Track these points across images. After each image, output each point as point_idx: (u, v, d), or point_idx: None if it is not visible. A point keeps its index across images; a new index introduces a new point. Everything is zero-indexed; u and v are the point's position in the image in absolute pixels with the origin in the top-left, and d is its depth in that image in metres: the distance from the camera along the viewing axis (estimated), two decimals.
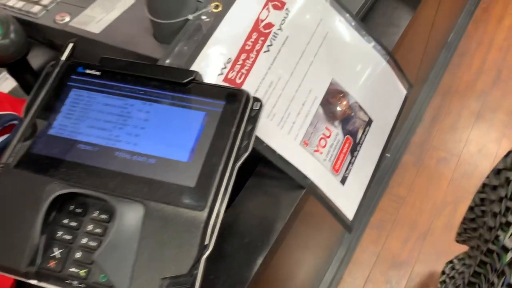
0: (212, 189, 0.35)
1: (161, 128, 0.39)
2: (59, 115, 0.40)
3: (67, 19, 0.62)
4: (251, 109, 0.40)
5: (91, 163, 0.38)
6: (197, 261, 0.34)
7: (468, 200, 1.52)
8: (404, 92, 0.66)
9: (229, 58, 0.50)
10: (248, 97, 0.39)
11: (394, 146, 1.57)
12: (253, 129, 0.39)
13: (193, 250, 0.34)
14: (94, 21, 0.60)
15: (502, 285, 0.61)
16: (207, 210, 0.35)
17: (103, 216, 0.37)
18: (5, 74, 0.69)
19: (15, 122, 0.48)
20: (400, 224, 1.49)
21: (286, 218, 0.50)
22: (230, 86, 0.39)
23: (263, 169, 0.55)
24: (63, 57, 0.44)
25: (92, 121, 0.40)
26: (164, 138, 0.38)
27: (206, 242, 0.35)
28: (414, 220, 1.49)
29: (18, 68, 0.61)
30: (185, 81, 0.40)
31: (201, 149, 0.37)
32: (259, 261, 0.47)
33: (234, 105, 0.39)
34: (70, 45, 0.44)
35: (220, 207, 0.36)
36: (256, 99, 0.40)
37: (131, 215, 0.35)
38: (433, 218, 1.49)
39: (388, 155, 1.54)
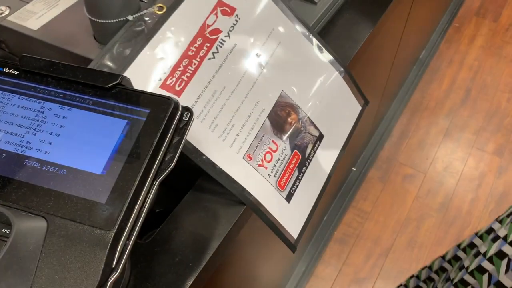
0: (124, 207, 0.32)
1: (77, 136, 0.35)
2: None
3: (6, 12, 0.58)
4: (180, 119, 0.37)
5: None
6: (102, 285, 0.31)
7: (432, 218, 1.53)
8: (359, 108, 0.64)
9: (170, 63, 0.47)
10: (176, 106, 0.36)
11: (360, 160, 1.56)
12: (180, 141, 0.36)
13: (97, 273, 0.30)
14: (34, 17, 0.56)
15: None
16: (115, 229, 0.31)
17: (5, 231, 0.33)
18: None
19: None
20: (363, 239, 1.48)
21: (222, 236, 0.47)
22: (157, 93, 0.36)
23: (204, 183, 0.52)
24: None
25: (3, 124, 0.36)
26: (79, 147, 0.35)
27: (114, 264, 0.31)
28: (377, 236, 1.48)
29: None
30: (108, 85, 0.36)
31: (117, 162, 0.34)
32: (189, 281, 0.44)
33: (160, 114, 0.36)
34: None
35: (133, 227, 0.33)
36: (186, 109, 0.37)
37: (31, 232, 0.31)
38: (396, 234, 1.49)
39: (354, 169, 1.53)
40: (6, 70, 0.39)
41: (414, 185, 1.60)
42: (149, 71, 0.46)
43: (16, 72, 0.38)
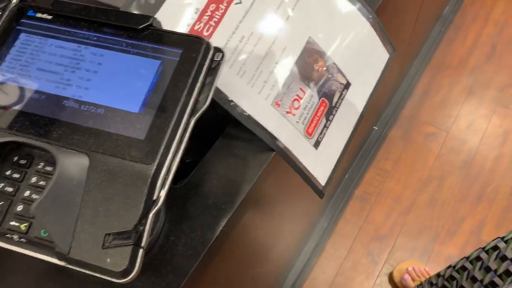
0: (163, 142, 0.33)
1: (113, 76, 0.36)
2: (6, 59, 0.37)
3: None
4: (212, 59, 0.37)
5: (37, 112, 0.35)
6: (144, 217, 0.32)
7: (454, 176, 1.52)
8: (387, 55, 0.63)
9: (197, 9, 0.47)
10: (208, 46, 0.36)
11: (382, 119, 1.55)
12: (213, 81, 0.36)
13: (139, 205, 0.32)
14: None
15: None
16: (155, 164, 0.32)
17: (48, 168, 0.34)
18: None
19: None
20: (384, 198, 1.48)
21: (253, 181, 0.48)
22: (189, 34, 0.37)
23: (233, 130, 0.53)
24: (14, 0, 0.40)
25: (43, 63, 0.37)
26: (116, 87, 0.35)
27: (155, 197, 0.32)
28: (398, 194, 1.49)
29: None
30: (141, 27, 0.37)
31: (153, 100, 0.35)
32: (223, 223, 0.46)
33: (193, 55, 0.36)
34: None
35: (172, 162, 0.34)
36: (218, 49, 0.37)
37: (74, 167, 0.33)
38: (417, 193, 1.49)
39: (375, 128, 1.52)
40: (38, 15, 0.39)
41: (436, 144, 1.59)
42: (177, 17, 0.46)
43: (49, 17, 0.39)
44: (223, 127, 0.54)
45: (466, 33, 1.86)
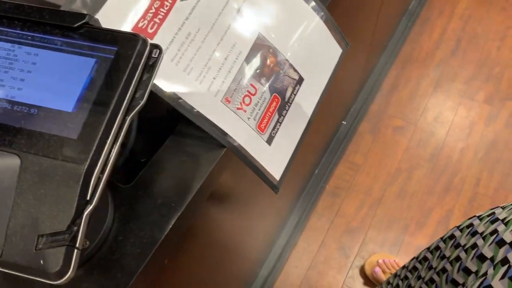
0: (96, 141, 0.33)
1: (47, 76, 0.35)
2: None
3: None
4: (149, 56, 0.36)
5: None
6: (78, 217, 0.31)
7: (422, 168, 1.55)
8: (340, 50, 0.64)
9: (141, 6, 0.46)
10: (144, 43, 0.36)
11: (350, 113, 1.57)
12: (150, 78, 0.36)
13: (72, 206, 0.31)
14: None
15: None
16: (87, 163, 0.32)
17: None
18: None
19: None
20: (355, 191, 1.50)
21: (203, 178, 0.48)
22: (124, 31, 0.36)
23: (184, 128, 0.52)
24: None
25: None
26: (50, 86, 0.35)
27: (88, 197, 0.32)
28: (368, 187, 1.51)
29: None
30: (76, 25, 0.36)
31: (87, 99, 0.34)
32: (172, 221, 0.45)
33: (128, 51, 0.35)
34: None
35: (107, 161, 0.33)
36: (155, 46, 0.37)
37: (4, 169, 0.32)
38: (387, 185, 1.51)
39: (344, 122, 1.54)
40: None
41: (405, 137, 1.61)
42: (120, 14, 0.46)
43: None
44: (176, 123, 0.54)
45: (432, 28, 1.90)
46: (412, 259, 0.87)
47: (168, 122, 0.53)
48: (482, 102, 1.68)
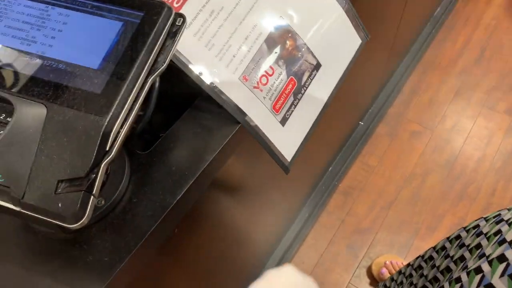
0: (118, 97, 0.35)
1: (77, 35, 0.38)
2: None
3: None
4: (173, 24, 0.38)
5: (1, 65, 0.37)
6: (96, 165, 0.33)
7: (436, 174, 1.54)
8: (359, 41, 0.65)
9: None
10: (169, 10, 0.38)
11: (368, 115, 1.57)
12: (172, 44, 0.38)
13: (91, 154, 0.33)
14: None
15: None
16: (109, 116, 0.34)
17: (10, 119, 0.36)
18: None
19: None
20: (367, 192, 1.50)
21: (216, 150, 0.50)
22: None
23: (202, 102, 0.54)
24: None
25: (11, 21, 0.38)
26: (78, 45, 0.37)
27: (107, 148, 0.34)
28: (381, 189, 1.51)
29: None
30: None
31: (113, 58, 0.36)
32: (184, 188, 0.47)
33: (153, 17, 0.37)
34: None
35: (127, 117, 0.35)
36: (180, 15, 0.39)
37: (32, 116, 0.34)
38: (400, 188, 1.51)
39: (361, 123, 1.54)
40: None
41: (421, 142, 1.61)
42: None
43: None
44: (195, 99, 0.56)
45: (456, 35, 1.89)
46: (418, 257, 0.87)
47: (187, 99, 0.55)
48: (503, 112, 1.67)
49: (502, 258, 0.56)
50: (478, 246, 0.65)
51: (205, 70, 0.50)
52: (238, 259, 1.02)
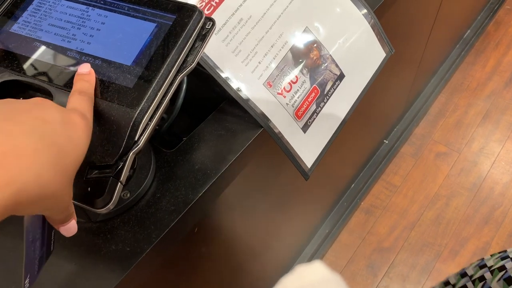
0: (148, 91, 0.37)
1: (113, 34, 0.40)
2: (23, 15, 0.42)
3: None
4: (203, 27, 0.41)
5: (44, 60, 0.40)
6: (125, 154, 0.36)
7: (462, 196, 1.51)
8: (383, 54, 0.66)
9: None
10: (200, 14, 0.40)
11: (393, 133, 1.56)
12: (201, 46, 0.40)
13: (121, 143, 0.36)
14: None
15: None
16: (139, 108, 0.36)
17: None
18: None
19: None
20: (390, 211, 1.49)
21: (238, 151, 0.52)
22: (184, 2, 0.41)
23: (227, 106, 0.56)
24: None
25: (54, 20, 0.42)
26: (114, 43, 0.40)
27: (136, 138, 0.36)
28: (404, 209, 1.49)
29: None
30: None
31: (145, 56, 0.39)
32: (206, 186, 0.49)
33: (185, 20, 0.40)
34: None
35: (156, 110, 0.37)
36: (209, 19, 0.41)
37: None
38: (424, 209, 1.49)
39: (386, 141, 1.54)
40: None
41: (447, 163, 1.59)
42: None
43: None
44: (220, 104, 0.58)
45: (486, 59, 1.87)
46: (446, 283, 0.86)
47: (211, 105, 0.57)
48: None
49: (501, 268, 0.57)
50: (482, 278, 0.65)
51: (231, 75, 0.52)
52: (254, 271, 1.03)
